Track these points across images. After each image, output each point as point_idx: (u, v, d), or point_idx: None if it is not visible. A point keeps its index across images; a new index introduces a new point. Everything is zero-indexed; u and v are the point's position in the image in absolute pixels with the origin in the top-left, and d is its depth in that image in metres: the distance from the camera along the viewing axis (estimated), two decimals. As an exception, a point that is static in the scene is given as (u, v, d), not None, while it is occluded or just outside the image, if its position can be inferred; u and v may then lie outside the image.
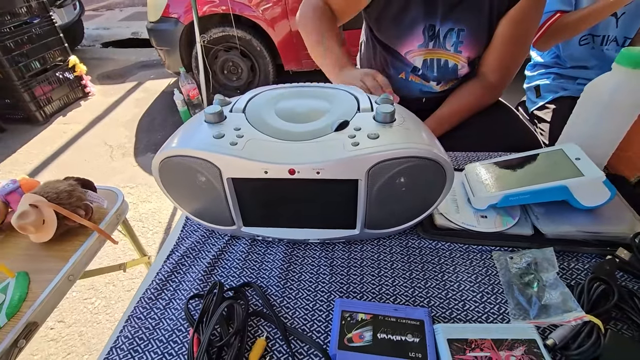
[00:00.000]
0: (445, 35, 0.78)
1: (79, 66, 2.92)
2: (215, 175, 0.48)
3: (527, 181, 0.55)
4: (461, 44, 0.79)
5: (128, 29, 4.41)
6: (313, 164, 0.45)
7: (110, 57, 3.92)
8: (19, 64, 2.49)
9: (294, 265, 0.53)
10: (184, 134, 0.51)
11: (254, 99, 0.58)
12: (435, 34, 0.79)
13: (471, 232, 0.55)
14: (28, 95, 2.58)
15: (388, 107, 0.49)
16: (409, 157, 0.46)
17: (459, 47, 0.79)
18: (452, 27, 0.77)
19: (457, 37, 0.78)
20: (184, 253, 0.56)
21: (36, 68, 2.63)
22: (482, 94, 0.87)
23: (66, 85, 2.89)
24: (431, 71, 0.85)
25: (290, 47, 2.42)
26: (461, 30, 0.77)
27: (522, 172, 0.58)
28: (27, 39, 2.55)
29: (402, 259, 0.53)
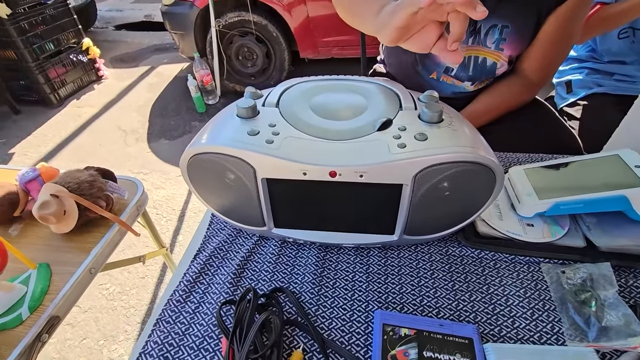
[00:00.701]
0: (487, 31, 0.73)
1: (92, 49, 2.90)
2: (248, 175, 0.45)
3: (579, 189, 0.51)
4: (503, 42, 0.73)
5: (141, 11, 4.34)
6: (356, 167, 0.42)
7: (123, 39, 3.88)
8: (34, 45, 2.47)
9: (328, 271, 0.51)
10: (215, 129, 0.48)
11: (287, 92, 0.54)
12: (476, 30, 0.73)
13: (517, 242, 0.51)
14: (42, 77, 2.56)
15: (435, 106, 0.45)
16: (459, 162, 0.42)
17: (501, 45, 0.74)
18: (496, 24, 0.72)
19: (500, 34, 0.72)
20: (211, 253, 0.53)
21: (50, 50, 2.60)
22: (521, 92, 0.82)
23: (80, 68, 2.87)
24: (466, 70, 0.80)
25: (307, 34, 2.35)
26: (505, 27, 0.71)
27: (574, 179, 0.54)
28: (42, 20, 2.53)
29: (443, 268, 0.50)
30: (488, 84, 0.84)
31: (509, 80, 0.81)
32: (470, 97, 0.84)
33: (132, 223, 0.80)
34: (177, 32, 2.47)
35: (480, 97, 0.83)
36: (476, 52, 0.77)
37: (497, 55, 0.76)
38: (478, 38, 0.74)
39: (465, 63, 0.79)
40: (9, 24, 2.31)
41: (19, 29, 2.37)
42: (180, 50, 2.60)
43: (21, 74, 2.55)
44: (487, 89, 0.83)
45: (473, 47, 0.76)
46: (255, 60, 2.52)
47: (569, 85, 1.25)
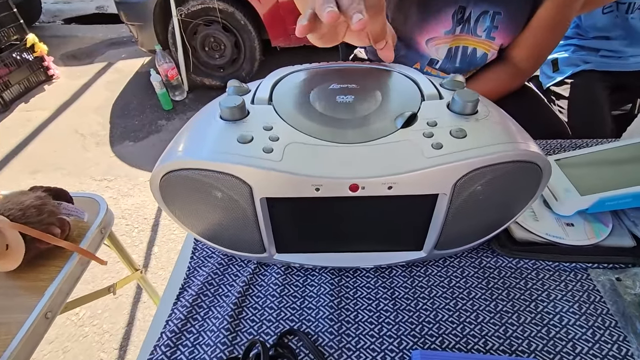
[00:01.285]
0: (477, 19, 0.66)
1: (38, 45, 2.61)
2: (243, 195, 0.35)
3: (624, 181, 0.44)
4: (495, 30, 0.66)
5: (92, 2, 3.97)
6: (385, 177, 0.33)
7: (74, 34, 3.55)
8: (-33, 44, 2.17)
9: (346, 301, 0.42)
10: (194, 136, 0.37)
11: (281, 84, 0.44)
12: (465, 17, 0.66)
13: (560, 247, 0.44)
14: (-19, 80, 2.27)
15: (469, 94, 0.37)
16: (508, 162, 0.34)
17: (492, 33, 0.67)
18: (487, 10, 0.65)
19: (492, 22, 0.66)
20: (198, 291, 0.43)
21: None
22: (509, 81, 0.76)
23: (26, 67, 2.58)
24: (453, 62, 0.73)
25: (278, 21, 2.21)
26: (497, 13, 0.65)
27: (615, 169, 0.47)
28: (-26, 15, 2.22)
29: (481, 285, 0.43)
30: (475, 72, 0.78)
31: (496, 68, 0.75)
32: None
33: (96, 249, 0.67)
34: (134, 23, 2.26)
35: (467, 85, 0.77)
36: (465, 42, 0.70)
37: (488, 45, 0.69)
38: (467, 26, 0.67)
39: (452, 54, 0.72)
40: None
41: (-53, 26, 2.08)
42: (139, 43, 2.38)
43: (-44, 77, 2.25)
44: (475, 76, 0.77)
45: (461, 36, 0.69)
46: (223, 51, 2.35)
47: (555, 64, 1.22)
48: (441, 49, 0.71)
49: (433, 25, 0.68)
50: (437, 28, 0.68)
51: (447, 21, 0.67)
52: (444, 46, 0.70)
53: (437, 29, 0.68)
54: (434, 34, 0.69)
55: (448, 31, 0.68)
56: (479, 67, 0.75)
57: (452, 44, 0.70)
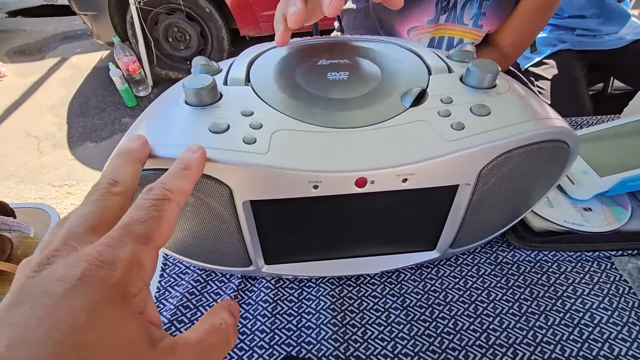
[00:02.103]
0: (463, 5, 0.61)
1: (-22, 40, 2.34)
2: (220, 200, 0.28)
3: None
4: (483, 17, 0.62)
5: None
6: (398, 168, 0.26)
7: (21, 28, 3.24)
8: None
9: (351, 315, 0.36)
10: (152, 128, 0.29)
11: (258, 62, 0.36)
12: (451, 4, 0.61)
13: (581, 235, 0.40)
14: None
15: (488, 63, 0.31)
16: (539, 142, 0.29)
17: (480, 21, 0.62)
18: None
19: (479, 8, 0.61)
20: (172, 317, 0.35)
21: None
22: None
23: (-35, 65, 2.32)
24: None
25: (246, 8, 2.08)
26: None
27: (631, 147, 0.43)
28: None
29: (500, 283, 0.38)
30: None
31: (480, 53, 0.70)
32: None
33: (49, 268, 0.57)
34: (87, 13, 2.06)
35: None
36: (450, 32, 0.65)
37: (475, 34, 0.65)
38: (453, 15, 0.62)
39: (434, 45, 0.67)
40: None
41: None
42: (95, 35, 2.19)
43: None
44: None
45: (446, 25, 0.64)
46: (188, 42, 2.20)
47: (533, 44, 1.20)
48: (423, 38, 0.66)
49: (415, 14, 0.63)
50: (419, 17, 0.63)
51: (429, 9, 0.62)
52: (426, 36, 0.66)
53: (419, 18, 0.63)
54: (415, 22, 0.64)
55: (431, 20, 0.63)
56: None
57: (435, 33, 0.65)
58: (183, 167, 0.21)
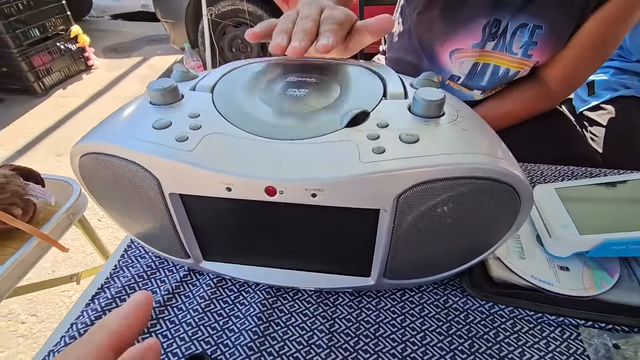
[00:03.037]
0: (513, 33, 0.57)
1: (81, 37, 2.75)
2: (152, 189, 0.30)
3: (636, 221, 0.36)
4: (533, 46, 0.57)
5: (138, 1, 4.20)
6: (306, 182, 0.27)
7: (118, 29, 3.74)
8: (17, 31, 2.33)
9: (275, 327, 0.36)
10: (115, 118, 0.33)
11: (232, 73, 0.39)
12: (500, 31, 0.58)
13: (548, 295, 0.36)
14: (26, 65, 2.43)
15: (434, 93, 0.30)
16: (467, 178, 0.27)
17: (530, 50, 0.58)
18: (526, 23, 0.56)
19: (530, 37, 0.57)
20: (116, 294, 0.38)
21: (35, 36, 2.46)
22: (539, 102, 0.66)
23: (68, 56, 2.73)
24: (479, 80, 0.64)
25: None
26: (538, 27, 0.56)
27: (628, 206, 0.38)
28: (26, 4, 2.39)
29: (440, 329, 0.35)
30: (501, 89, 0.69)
31: (525, 86, 0.65)
32: (477, 103, 0.69)
33: (60, 234, 0.65)
34: (168, 20, 2.33)
35: (489, 100, 0.68)
36: (496, 61, 0.61)
37: (523, 63, 0.60)
38: (502, 43, 0.58)
39: (477, 71, 0.63)
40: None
41: (1, 13, 2.24)
42: (171, 40, 2.46)
43: (4, 61, 2.41)
44: (497, 93, 0.68)
45: (493, 53, 0.60)
46: (249, 53, 2.37)
47: (591, 87, 1.10)
48: (466, 62, 0.62)
49: (460, 37, 0.60)
50: (464, 40, 0.60)
51: (476, 33, 0.58)
52: (469, 60, 0.62)
53: (464, 41, 0.60)
54: (459, 45, 0.61)
55: (476, 44, 0.60)
56: (506, 83, 0.67)
57: (479, 59, 0.62)
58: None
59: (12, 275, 0.56)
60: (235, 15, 2.19)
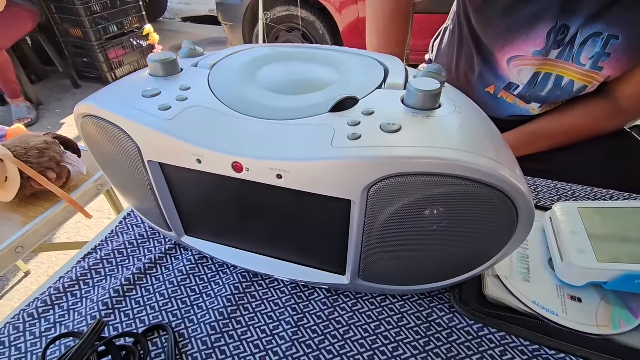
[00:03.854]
0: (584, 42, 0.51)
1: (152, 35, 3.01)
2: (133, 155, 0.31)
3: (676, 255, 0.30)
4: (606, 58, 0.50)
5: (207, 6, 4.51)
6: (271, 161, 0.26)
7: (187, 31, 4.04)
8: (99, 26, 2.61)
9: (243, 312, 0.35)
10: (114, 86, 0.35)
11: (235, 55, 0.39)
12: (568, 39, 0.52)
13: (550, 326, 0.31)
14: (102, 57, 2.71)
15: (430, 83, 0.27)
16: (450, 176, 0.24)
17: (601, 62, 0.51)
18: (599, 32, 0.49)
19: (603, 48, 0.50)
20: (105, 256, 0.40)
21: (113, 32, 2.75)
22: (607, 120, 0.58)
23: (138, 51, 3.00)
24: (539, 91, 0.57)
25: (355, 35, 2.20)
26: (614, 37, 0.49)
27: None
28: (109, 3, 2.68)
29: (416, 344, 0.32)
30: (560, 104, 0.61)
31: (591, 101, 0.58)
32: (532, 118, 0.63)
33: (87, 202, 0.70)
34: (227, 23, 2.48)
35: (548, 114, 0.61)
36: (560, 71, 0.54)
37: (592, 77, 0.53)
38: (569, 51, 0.52)
39: (538, 81, 0.56)
40: (79, 4, 2.47)
41: (88, 10, 2.53)
42: (229, 42, 2.61)
43: (85, 52, 2.72)
44: (560, 107, 0.61)
45: (557, 62, 0.54)
46: (299, 58, 2.42)
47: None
48: (525, 71, 0.56)
49: (520, 42, 0.54)
50: (524, 46, 0.54)
51: (539, 38, 0.53)
52: (529, 69, 0.56)
53: (524, 47, 0.54)
54: (519, 52, 0.55)
55: (538, 52, 0.54)
56: (569, 99, 0.59)
57: (541, 68, 0.55)
58: None
59: (40, 231, 0.61)
60: (290, 20, 2.26)
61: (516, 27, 0.53)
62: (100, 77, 2.82)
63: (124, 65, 2.91)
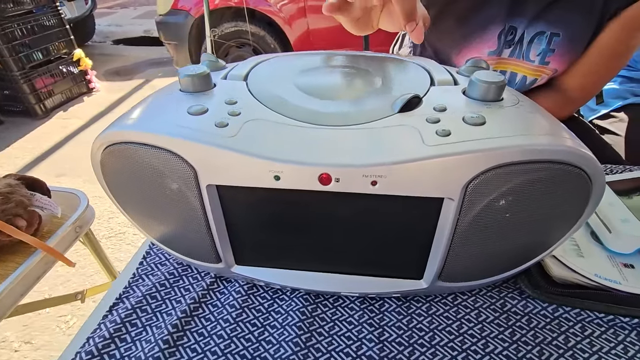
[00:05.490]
0: (531, 41, 0.56)
1: (83, 60, 2.78)
2: (186, 180, 0.28)
3: None
4: (551, 54, 0.56)
5: (141, 26, 4.29)
6: (366, 167, 0.24)
7: (121, 53, 3.80)
8: (20, 54, 2.35)
9: (318, 338, 0.32)
10: (144, 108, 0.31)
11: (265, 63, 0.37)
12: (517, 39, 0.57)
13: (617, 294, 0.33)
14: (28, 87, 2.43)
15: (494, 75, 0.28)
16: (546, 162, 0.24)
17: (547, 57, 0.57)
18: (543, 31, 0.55)
19: (548, 44, 0.56)
20: (136, 304, 0.34)
21: (38, 59, 2.49)
22: (557, 110, 0.63)
23: (70, 79, 2.75)
24: None
25: (307, 47, 2.23)
26: (555, 35, 0.55)
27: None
28: (30, 28, 2.42)
29: (503, 335, 0.31)
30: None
31: (542, 94, 0.64)
32: None
33: (67, 248, 0.61)
34: (171, 42, 2.37)
35: None
36: (513, 67, 0.60)
37: (541, 71, 0.59)
38: (519, 50, 0.58)
39: None
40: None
41: (5, 37, 2.26)
42: (174, 62, 2.49)
43: (6, 83, 2.42)
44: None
45: (509, 60, 0.59)
46: (251, 73, 2.39)
47: (600, 96, 1.10)
48: None
49: (475, 44, 0.59)
50: (480, 47, 0.59)
51: (492, 40, 0.58)
52: None
53: (479, 49, 0.59)
54: (475, 53, 0.60)
55: (493, 52, 0.59)
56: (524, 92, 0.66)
57: (496, 66, 0.61)
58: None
59: (15, 291, 0.52)
60: (239, 36, 2.22)
61: (471, 32, 0.58)
62: (27, 109, 2.53)
63: (54, 95, 2.65)
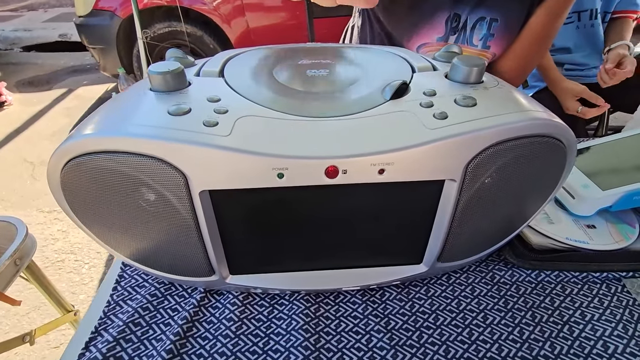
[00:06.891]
0: (473, 26, 0.62)
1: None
2: (175, 188, 0.25)
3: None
4: (491, 38, 0.62)
5: (55, 30, 3.84)
6: (374, 156, 0.24)
7: (33, 61, 3.37)
8: None
9: (326, 337, 0.31)
10: (111, 112, 0.27)
11: (235, 59, 0.35)
12: (461, 25, 0.62)
13: (586, 253, 0.36)
14: None
15: (475, 59, 0.29)
16: (536, 136, 0.26)
17: (489, 42, 0.63)
18: (484, 17, 0.61)
19: (488, 29, 0.61)
20: (118, 335, 0.30)
21: None
22: None
23: (-27, 92, 2.38)
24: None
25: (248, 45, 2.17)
26: (494, 20, 0.61)
27: (636, 160, 0.41)
28: None
29: (498, 306, 0.33)
30: None
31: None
32: None
33: (6, 284, 0.53)
34: (96, 46, 2.15)
35: None
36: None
37: (483, 55, 0.64)
38: (463, 35, 0.62)
39: None
40: None
41: None
42: (101, 67, 2.27)
43: None
44: None
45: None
46: (192, 76, 2.27)
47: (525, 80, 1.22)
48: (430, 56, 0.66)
49: (425, 30, 0.63)
50: (429, 34, 0.63)
51: (440, 26, 0.62)
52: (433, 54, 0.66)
53: (429, 35, 0.63)
54: (425, 39, 0.63)
55: (441, 37, 0.63)
56: None
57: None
58: None
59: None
60: (173, 37, 2.09)
61: (421, 19, 0.62)
62: None
63: (-45, 112, 2.27)
